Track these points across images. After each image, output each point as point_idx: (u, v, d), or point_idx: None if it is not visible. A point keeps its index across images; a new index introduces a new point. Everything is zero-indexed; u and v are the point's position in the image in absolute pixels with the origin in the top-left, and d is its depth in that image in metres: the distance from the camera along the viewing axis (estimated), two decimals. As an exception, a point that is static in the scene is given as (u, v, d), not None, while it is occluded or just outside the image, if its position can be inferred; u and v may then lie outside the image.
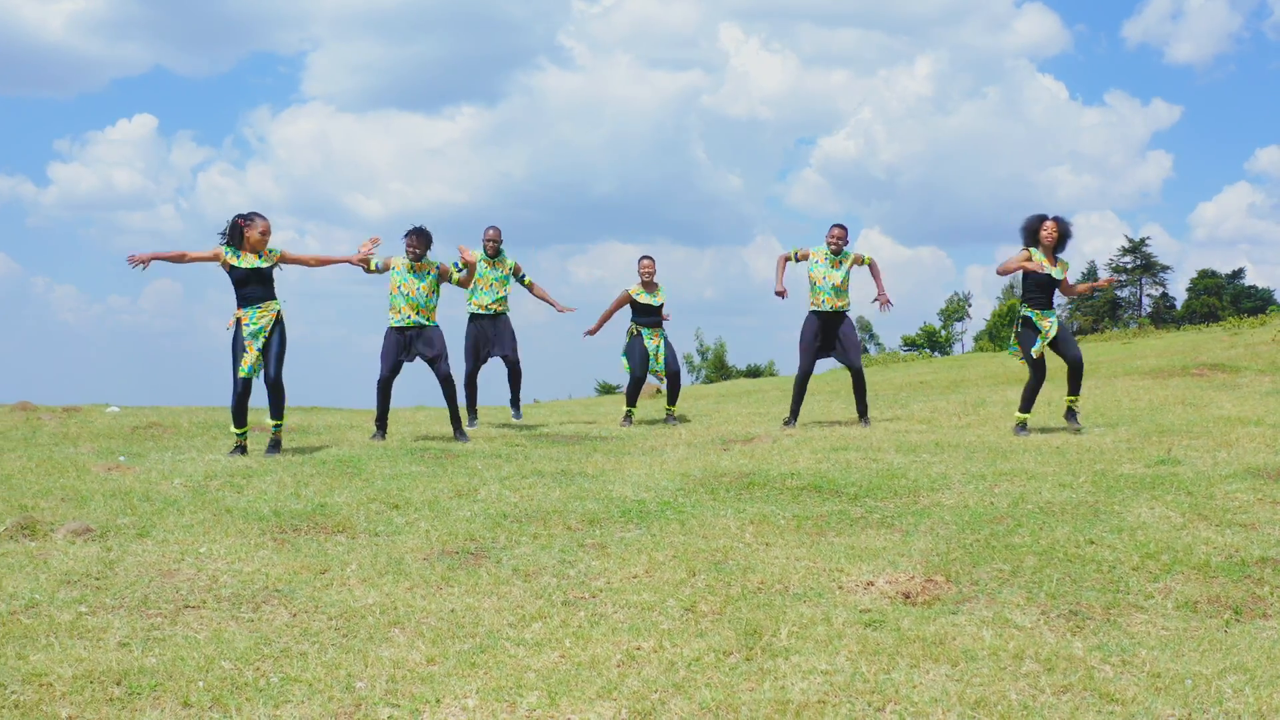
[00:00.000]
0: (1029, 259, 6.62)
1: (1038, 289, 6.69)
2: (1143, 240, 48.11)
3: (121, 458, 5.65)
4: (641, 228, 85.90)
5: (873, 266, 7.66)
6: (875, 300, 7.79)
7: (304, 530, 3.93)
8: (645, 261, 8.18)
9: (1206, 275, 46.56)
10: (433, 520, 4.05)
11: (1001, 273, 6.79)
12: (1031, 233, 6.73)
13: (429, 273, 6.78)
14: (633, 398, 8.34)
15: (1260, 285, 46.13)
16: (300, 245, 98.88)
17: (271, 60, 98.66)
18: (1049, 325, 6.64)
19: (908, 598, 3.28)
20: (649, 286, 8.19)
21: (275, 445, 6.01)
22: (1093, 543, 3.74)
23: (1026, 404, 6.73)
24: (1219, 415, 7.03)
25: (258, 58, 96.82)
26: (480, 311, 7.76)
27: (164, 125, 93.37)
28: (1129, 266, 46.97)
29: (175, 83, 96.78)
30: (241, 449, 5.94)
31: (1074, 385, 6.84)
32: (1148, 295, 47.24)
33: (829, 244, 7.50)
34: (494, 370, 9.37)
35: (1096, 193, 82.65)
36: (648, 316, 8.14)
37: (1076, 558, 3.58)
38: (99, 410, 8.31)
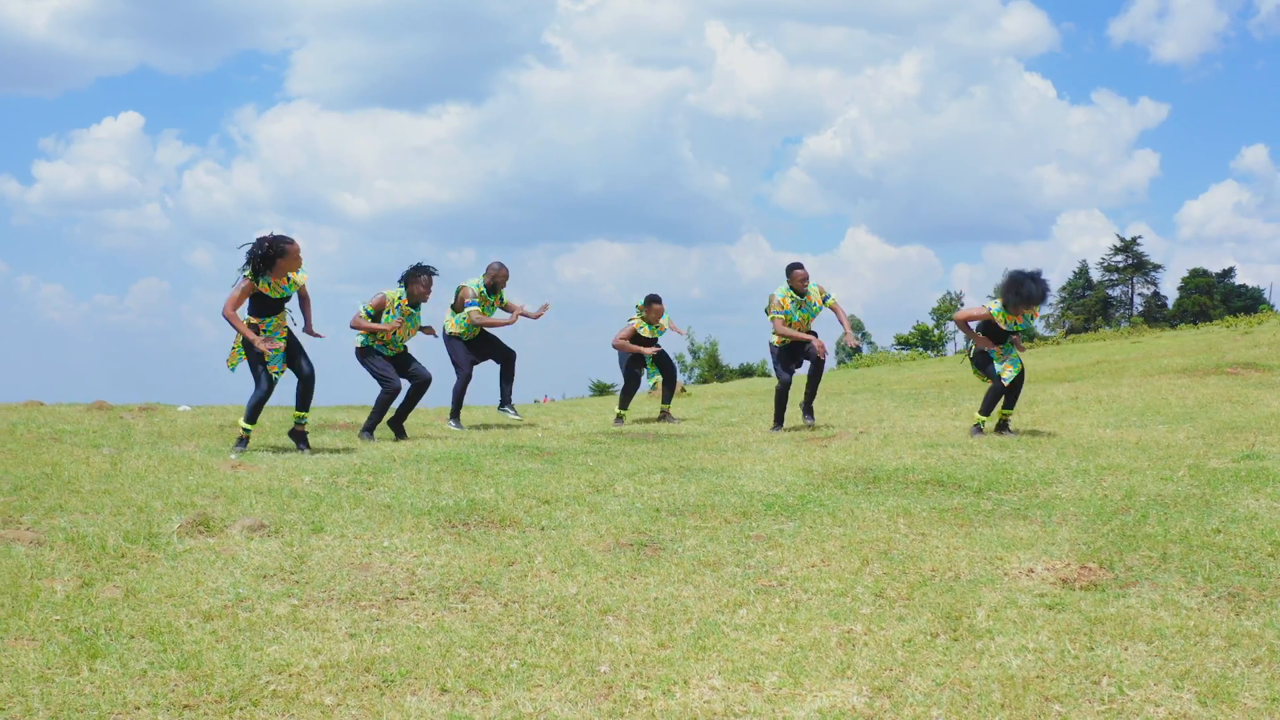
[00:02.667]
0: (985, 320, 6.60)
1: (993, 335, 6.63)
2: (1134, 239, 48.95)
3: (232, 455, 5.77)
4: (628, 226, 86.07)
5: (836, 309, 7.55)
6: (840, 342, 7.96)
7: (473, 524, 4.08)
8: (657, 306, 8.51)
9: (1198, 274, 47.42)
10: (590, 514, 4.22)
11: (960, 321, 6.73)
12: (1024, 298, 6.40)
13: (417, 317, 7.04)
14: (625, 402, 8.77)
15: (1250, 284, 47.11)
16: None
17: (256, 59, 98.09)
18: (1000, 350, 6.62)
19: (1066, 583, 3.48)
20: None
21: (301, 437, 6.14)
22: (1220, 531, 3.96)
23: (987, 409, 6.61)
24: (1270, 412, 7.31)
25: (243, 56, 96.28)
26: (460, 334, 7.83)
27: (150, 124, 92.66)
28: (1120, 265, 47.76)
29: (160, 81, 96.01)
30: (245, 441, 6.06)
31: (1011, 399, 6.71)
32: (1139, 294, 48.08)
33: (793, 286, 7.33)
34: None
35: (1083, 191, 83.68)
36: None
37: (1212, 545, 3.79)
38: (171, 409, 8.40)
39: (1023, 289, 6.39)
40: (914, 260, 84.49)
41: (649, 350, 8.41)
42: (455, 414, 7.93)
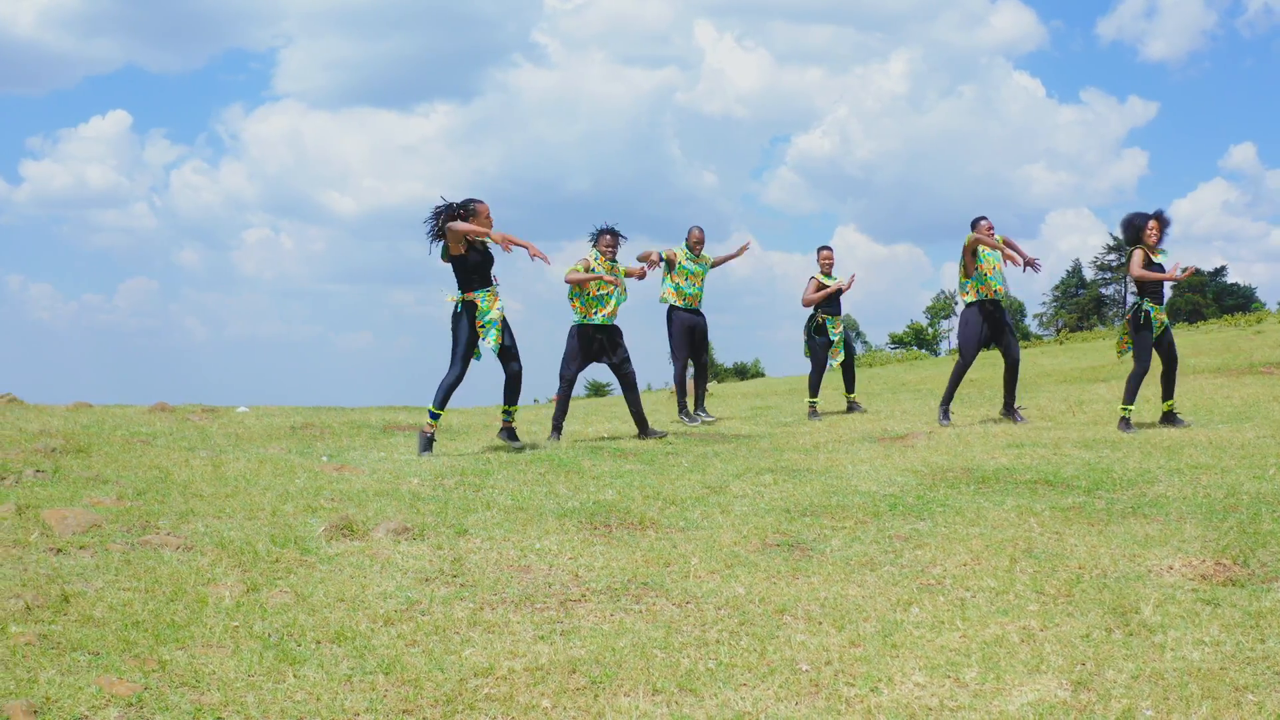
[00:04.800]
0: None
1: (1157, 281, 6.99)
2: (1128, 238, 49.39)
3: (324, 457, 5.81)
4: (617, 224, 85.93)
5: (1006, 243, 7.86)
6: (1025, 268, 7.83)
7: (613, 526, 4.16)
8: (825, 252, 8.75)
9: (1192, 273, 47.86)
10: (722, 515, 4.31)
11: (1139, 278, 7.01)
12: (1137, 230, 7.04)
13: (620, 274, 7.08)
14: (815, 388, 8.80)
15: (1241, 283, 47.76)
16: (275, 243, 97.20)
17: (243, 57, 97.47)
18: (1163, 319, 7.04)
19: (1206, 579, 3.60)
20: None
21: (512, 433, 6.29)
22: (1333, 528, 4.09)
23: (1131, 396, 6.92)
24: (1321, 409, 7.48)
25: (230, 54, 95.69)
26: (689, 306, 8.01)
27: (137, 122, 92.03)
28: (1114, 264, 48.37)
29: (148, 80, 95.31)
30: (433, 439, 6.06)
31: (1169, 388, 7.07)
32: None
33: (989, 236, 7.68)
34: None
35: (1072, 190, 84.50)
36: (831, 304, 8.62)
37: (1333, 542, 3.92)
38: (230, 411, 8.42)
39: (1160, 216, 7.04)
40: (903, 259, 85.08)
41: (834, 286, 8.53)
42: (682, 407, 8.05)
